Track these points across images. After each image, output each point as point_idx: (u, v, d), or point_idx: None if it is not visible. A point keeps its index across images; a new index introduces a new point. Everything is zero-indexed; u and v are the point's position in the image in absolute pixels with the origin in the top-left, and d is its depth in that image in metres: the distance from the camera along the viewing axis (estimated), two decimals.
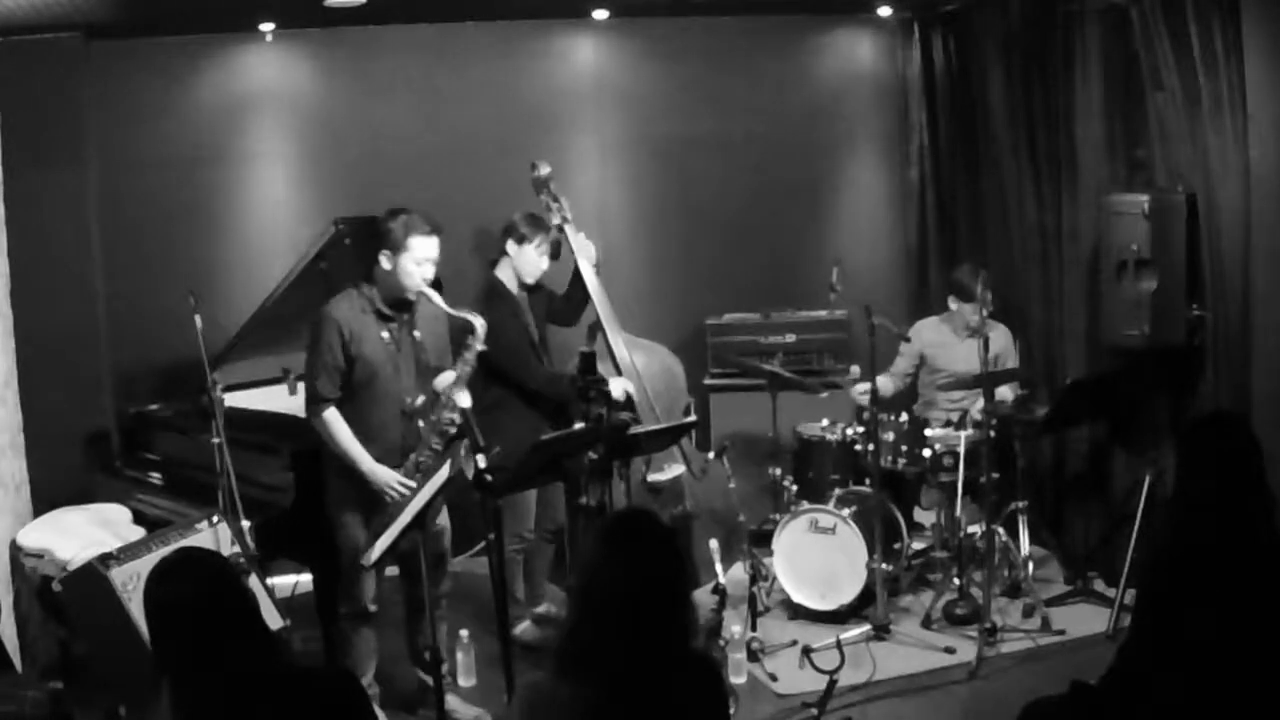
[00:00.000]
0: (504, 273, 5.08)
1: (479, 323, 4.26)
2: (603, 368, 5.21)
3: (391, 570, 4.38)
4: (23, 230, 5.27)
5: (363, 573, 4.24)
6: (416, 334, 4.30)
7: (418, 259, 4.17)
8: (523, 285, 5.10)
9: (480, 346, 4.26)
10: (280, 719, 2.29)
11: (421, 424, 4.25)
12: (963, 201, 6.53)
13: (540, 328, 5.18)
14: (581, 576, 2.44)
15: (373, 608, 4.34)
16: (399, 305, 4.26)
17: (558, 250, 5.22)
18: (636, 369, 5.30)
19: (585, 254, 5.30)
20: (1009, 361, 5.65)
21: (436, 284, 5.48)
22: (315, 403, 4.21)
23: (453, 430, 4.25)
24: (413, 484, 4.15)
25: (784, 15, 6.51)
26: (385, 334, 4.23)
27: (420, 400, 4.25)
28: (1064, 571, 5.62)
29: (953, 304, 5.70)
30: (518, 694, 2.48)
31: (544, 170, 5.37)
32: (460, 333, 4.35)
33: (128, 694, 3.69)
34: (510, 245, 5.04)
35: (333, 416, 4.19)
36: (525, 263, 5.05)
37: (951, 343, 5.76)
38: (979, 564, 5.15)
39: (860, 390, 5.48)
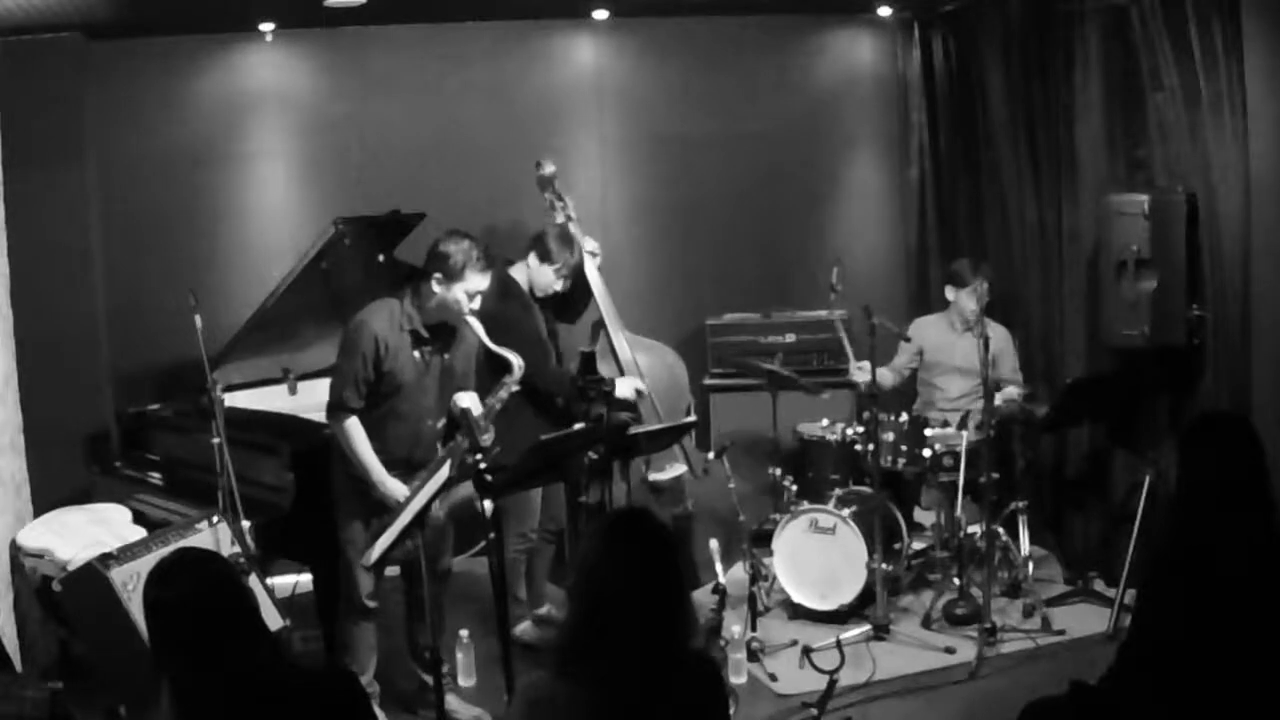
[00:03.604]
0: (518, 274, 5.09)
1: (517, 361, 4.25)
2: (605, 367, 5.22)
3: (392, 570, 4.38)
4: (23, 230, 5.27)
5: (362, 571, 4.25)
6: (448, 358, 4.31)
7: (470, 290, 4.17)
8: (532, 294, 5.11)
9: (515, 386, 4.25)
10: (280, 719, 2.29)
11: (439, 445, 4.27)
12: (963, 201, 6.52)
13: (551, 326, 5.18)
14: (581, 575, 2.44)
15: (372, 604, 4.34)
16: (437, 329, 4.26)
17: (573, 278, 5.17)
18: (639, 368, 5.30)
19: (589, 253, 5.31)
20: (1006, 360, 5.65)
21: None
22: (338, 410, 4.20)
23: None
24: None
25: (784, 15, 6.51)
26: (417, 354, 4.23)
27: (443, 423, 4.28)
28: (1064, 571, 5.63)
29: (950, 294, 5.71)
30: (517, 693, 2.48)
31: (548, 169, 5.37)
32: (497, 369, 4.34)
33: (128, 694, 3.69)
34: (532, 258, 5.04)
35: (354, 425, 4.18)
36: (540, 279, 5.05)
37: (950, 339, 5.76)
38: (979, 564, 5.15)
39: (856, 365, 5.51)
